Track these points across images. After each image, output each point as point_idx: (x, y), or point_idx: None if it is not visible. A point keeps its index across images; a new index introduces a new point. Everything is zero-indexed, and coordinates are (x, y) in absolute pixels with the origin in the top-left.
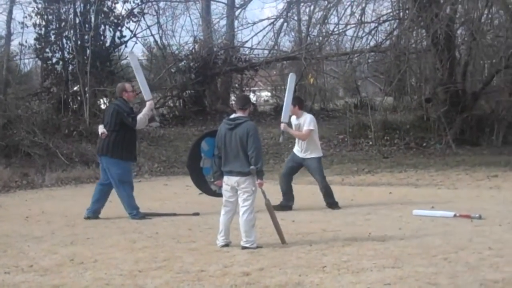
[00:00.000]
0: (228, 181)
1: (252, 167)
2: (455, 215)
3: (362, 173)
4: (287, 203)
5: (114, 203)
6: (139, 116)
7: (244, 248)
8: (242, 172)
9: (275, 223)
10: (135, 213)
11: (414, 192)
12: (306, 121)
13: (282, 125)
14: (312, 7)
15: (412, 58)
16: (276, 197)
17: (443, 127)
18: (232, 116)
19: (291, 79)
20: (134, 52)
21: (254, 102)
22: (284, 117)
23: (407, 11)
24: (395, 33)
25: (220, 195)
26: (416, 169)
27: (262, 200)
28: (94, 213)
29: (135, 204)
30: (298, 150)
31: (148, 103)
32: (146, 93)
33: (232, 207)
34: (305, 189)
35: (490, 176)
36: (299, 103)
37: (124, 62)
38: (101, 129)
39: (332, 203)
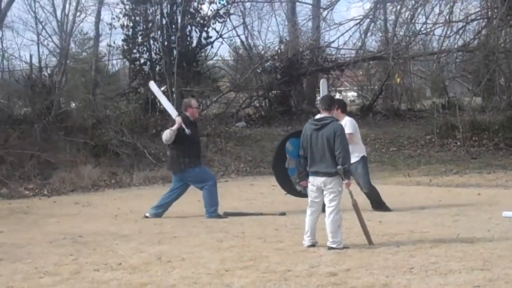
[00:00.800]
0: (314, 182)
1: (339, 167)
2: None
3: (450, 174)
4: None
5: (200, 203)
6: (166, 131)
7: (330, 248)
8: (328, 173)
9: (362, 223)
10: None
11: (504, 193)
12: (346, 125)
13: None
14: (399, 6)
15: (501, 57)
16: (363, 198)
17: None
18: (318, 116)
19: (323, 84)
20: (151, 82)
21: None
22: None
23: (495, 10)
24: (483, 32)
25: (305, 195)
26: (506, 170)
27: (349, 200)
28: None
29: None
30: None
31: (177, 119)
32: (172, 112)
33: (317, 208)
34: (393, 189)
35: None
36: (342, 106)
37: (210, 62)
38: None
39: (378, 206)
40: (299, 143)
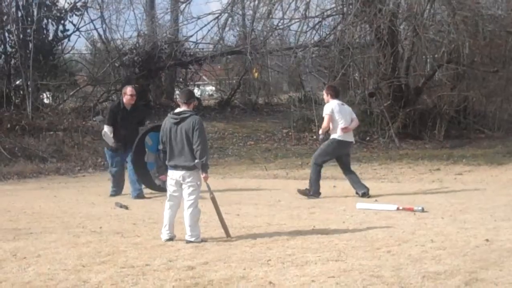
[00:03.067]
0: (173, 176)
1: (197, 161)
2: (398, 208)
3: (306, 167)
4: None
5: (57, 199)
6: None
7: (188, 242)
8: (187, 167)
9: (220, 217)
10: None
11: None
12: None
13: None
14: (256, 1)
15: (356, 52)
16: (225, 192)
17: (386, 121)
18: (177, 110)
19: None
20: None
21: (199, 96)
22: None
23: (350, 6)
24: (339, 28)
25: (164, 189)
26: (360, 163)
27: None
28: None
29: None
30: None
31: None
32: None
33: (176, 202)
34: (251, 183)
35: (432, 170)
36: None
37: (67, 56)
38: None
39: (306, 191)
40: (159, 137)
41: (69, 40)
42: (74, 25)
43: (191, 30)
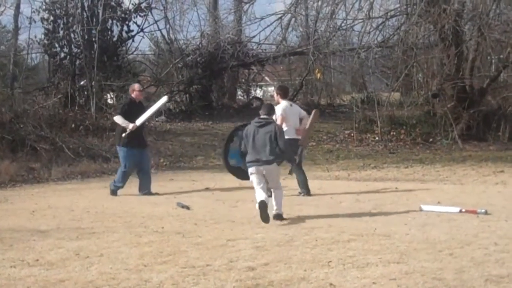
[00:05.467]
0: (256, 170)
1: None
2: (461, 211)
3: (368, 168)
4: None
5: (119, 199)
6: (120, 119)
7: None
8: (267, 161)
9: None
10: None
11: (420, 187)
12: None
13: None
14: (319, 2)
15: (420, 53)
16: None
17: (450, 122)
18: (262, 116)
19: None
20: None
21: (261, 97)
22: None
23: (414, 6)
24: (402, 28)
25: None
26: (423, 165)
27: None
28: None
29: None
30: None
31: (132, 125)
32: (140, 120)
33: (262, 186)
34: (312, 184)
35: (496, 172)
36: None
37: (131, 56)
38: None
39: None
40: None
41: (133, 40)
42: (138, 26)
43: (254, 31)
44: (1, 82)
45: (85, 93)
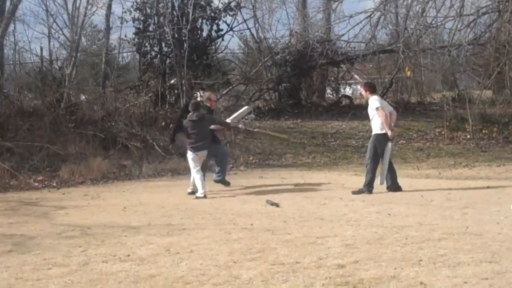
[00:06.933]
0: None
1: None
2: None
3: (459, 167)
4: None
5: (208, 196)
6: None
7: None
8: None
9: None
10: None
11: None
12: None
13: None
14: (409, 0)
15: None
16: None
17: None
18: None
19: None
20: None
21: (350, 95)
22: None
23: (507, 3)
24: (494, 25)
25: None
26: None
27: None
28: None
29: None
30: None
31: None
32: (233, 119)
33: None
34: (402, 182)
35: None
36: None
37: (220, 55)
38: None
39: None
40: None
41: (222, 39)
42: (228, 25)
43: (343, 29)
44: (93, 81)
45: (175, 91)
